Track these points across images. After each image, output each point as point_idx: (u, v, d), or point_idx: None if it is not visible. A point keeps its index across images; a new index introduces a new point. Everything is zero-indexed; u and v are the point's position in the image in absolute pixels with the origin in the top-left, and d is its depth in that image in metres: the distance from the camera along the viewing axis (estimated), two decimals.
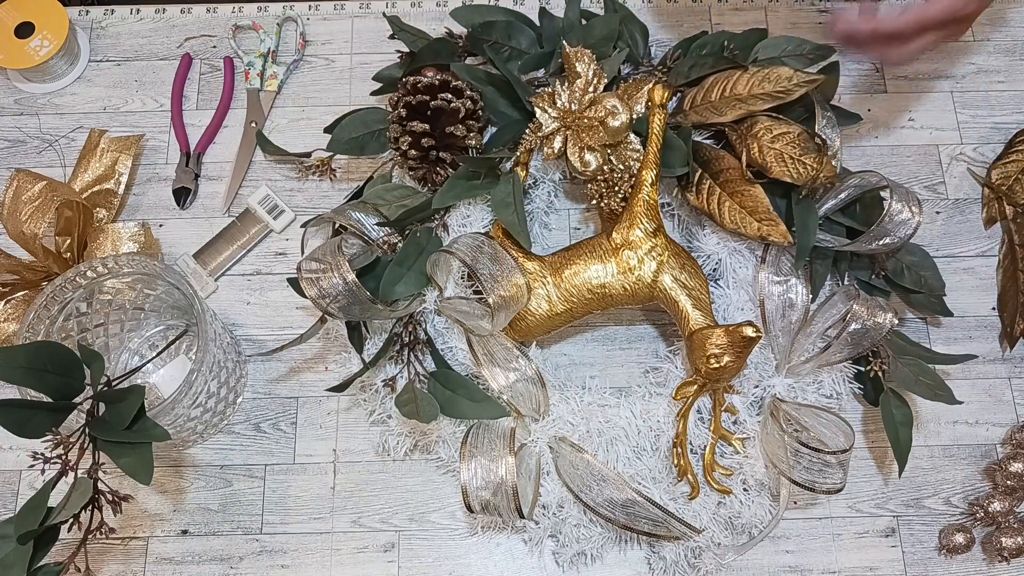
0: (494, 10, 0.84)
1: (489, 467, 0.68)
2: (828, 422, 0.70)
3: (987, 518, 0.75)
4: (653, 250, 0.73)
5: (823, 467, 0.68)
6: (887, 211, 0.73)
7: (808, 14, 0.94)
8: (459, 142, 0.76)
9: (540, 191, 0.83)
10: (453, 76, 0.76)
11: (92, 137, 0.86)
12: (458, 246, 0.71)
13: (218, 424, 0.79)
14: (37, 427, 0.60)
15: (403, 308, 0.73)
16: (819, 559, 0.76)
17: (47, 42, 0.89)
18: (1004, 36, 0.94)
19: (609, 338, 0.83)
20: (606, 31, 0.80)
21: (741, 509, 0.72)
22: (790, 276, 0.74)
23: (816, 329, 0.73)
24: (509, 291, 0.70)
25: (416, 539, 0.77)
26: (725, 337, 0.69)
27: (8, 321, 0.79)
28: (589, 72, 0.75)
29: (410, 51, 0.83)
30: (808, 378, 0.74)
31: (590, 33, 0.80)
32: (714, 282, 0.77)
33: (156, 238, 0.85)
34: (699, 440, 0.73)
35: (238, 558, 0.76)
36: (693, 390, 0.72)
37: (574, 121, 0.75)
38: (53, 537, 0.60)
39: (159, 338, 0.82)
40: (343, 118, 0.80)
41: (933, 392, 0.74)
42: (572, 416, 0.73)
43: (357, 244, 0.75)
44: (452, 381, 0.72)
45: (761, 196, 0.73)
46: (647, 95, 0.77)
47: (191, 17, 0.95)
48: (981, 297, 0.84)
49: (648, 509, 0.68)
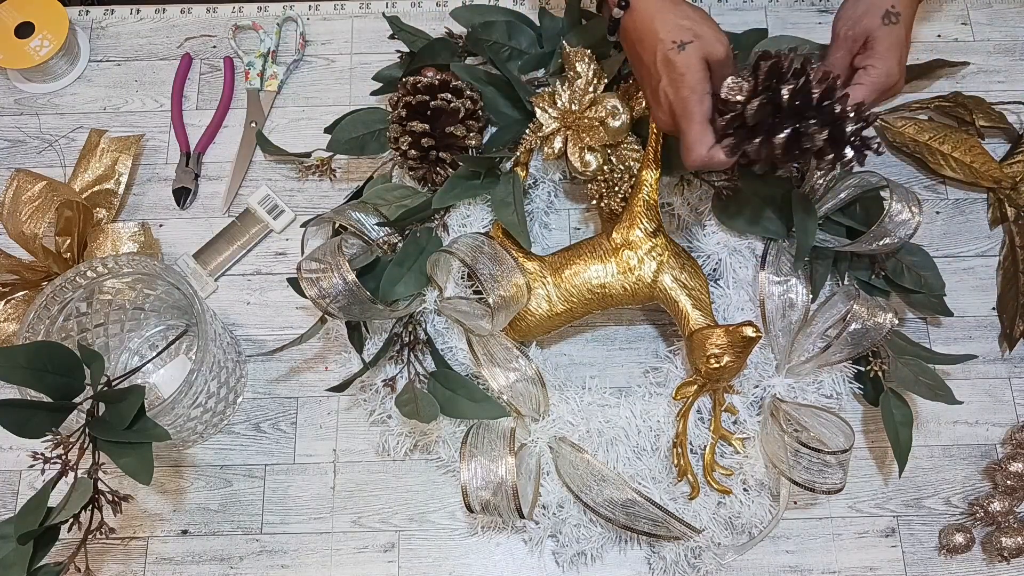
0: (494, 10, 0.84)
1: (489, 467, 0.68)
2: (828, 422, 0.70)
3: (987, 518, 0.75)
4: (653, 250, 0.73)
5: (823, 467, 0.68)
6: (887, 211, 0.73)
7: (808, 14, 0.94)
8: (459, 142, 0.76)
9: (540, 191, 0.83)
10: (453, 76, 0.77)
11: (92, 137, 0.86)
12: (458, 246, 0.71)
13: (218, 424, 0.79)
14: (37, 427, 0.60)
15: (403, 308, 0.73)
16: (819, 559, 0.76)
17: (47, 42, 0.89)
18: (1004, 36, 0.94)
19: (609, 338, 0.83)
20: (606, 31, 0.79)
21: (741, 509, 0.72)
22: (790, 276, 0.74)
23: (816, 329, 0.73)
24: (509, 291, 0.69)
25: (416, 539, 0.77)
26: (725, 337, 0.69)
27: (8, 321, 0.79)
28: (589, 72, 0.75)
29: (410, 51, 0.83)
30: (808, 378, 0.74)
31: (590, 33, 0.80)
32: (714, 282, 0.77)
33: (156, 238, 0.85)
34: (699, 440, 0.73)
35: (238, 558, 0.76)
36: (693, 390, 0.72)
37: (574, 121, 0.75)
38: (53, 537, 0.60)
39: (159, 338, 0.82)
40: (343, 118, 0.80)
41: (933, 392, 0.74)
42: (572, 416, 0.73)
43: (357, 244, 0.75)
44: (452, 381, 0.72)
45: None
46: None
47: (191, 17, 0.95)
48: (981, 297, 0.84)
49: (648, 509, 0.68)
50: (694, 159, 0.64)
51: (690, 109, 0.63)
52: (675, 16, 0.64)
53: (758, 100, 0.61)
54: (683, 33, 0.63)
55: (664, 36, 0.63)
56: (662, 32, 0.63)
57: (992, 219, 0.87)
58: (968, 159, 0.85)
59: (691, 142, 0.63)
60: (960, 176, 0.86)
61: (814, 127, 0.60)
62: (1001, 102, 0.89)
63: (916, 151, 0.87)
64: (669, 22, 0.63)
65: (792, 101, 0.61)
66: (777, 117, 0.61)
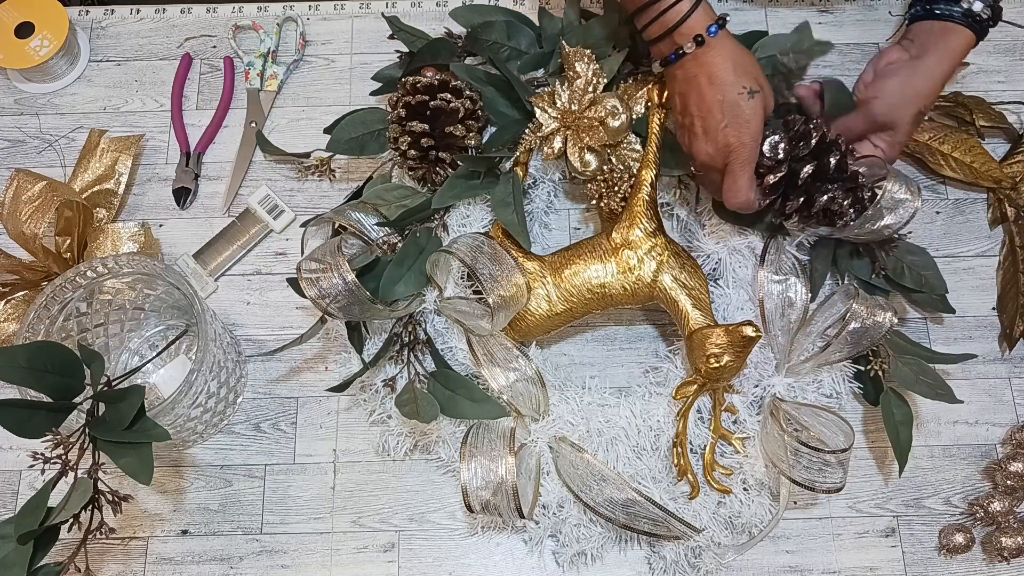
0: (494, 10, 0.84)
1: (489, 467, 0.68)
2: (828, 421, 0.70)
3: (987, 518, 0.75)
4: (653, 250, 0.73)
5: (823, 466, 0.68)
6: (886, 189, 0.73)
7: (808, 14, 0.94)
8: (458, 142, 0.76)
9: (540, 191, 0.83)
10: (452, 76, 0.76)
11: (92, 137, 0.86)
12: (458, 246, 0.71)
13: (218, 424, 0.79)
14: (37, 427, 0.60)
15: (403, 308, 0.73)
16: (819, 559, 0.76)
17: (47, 42, 0.89)
18: (1004, 36, 0.94)
19: (609, 338, 0.83)
20: (605, 31, 0.79)
21: (741, 509, 0.72)
22: (789, 275, 0.74)
23: (816, 328, 0.73)
24: (509, 291, 0.70)
25: (416, 539, 0.77)
26: (725, 337, 0.69)
27: (8, 321, 0.79)
28: (589, 72, 0.75)
29: (409, 51, 0.83)
30: (808, 377, 0.74)
31: (589, 33, 0.80)
32: (714, 282, 0.77)
33: (156, 238, 0.85)
34: (699, 440, 0.73)
35: (238, 558, 0.76)
36: (693, 390, 0.72)
37: (574, 121, 0.75)
38: (53, 537, 0.60)
39: (159, 338, 0.82)
40: (343, 118, 0.80)
41: (934, 391, 0.74)
42: (572, 416, 0.73)
43: (357, 244, 0.75)
44: (452, 381, 0.72)
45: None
46: (647, 95, 0.77)
47: (191, 17, 0.95)
48: (981, 297, 0.84)
49: (648, 509, 0.68)
50: (742, 201, 0.69)
51: (747, 156, 0.67)
52: (748, 63, 0.68)
53: (810, 166, 0.68)
54: (752, 81, 0.67)
55: (736, 80, 0.66)
56: (736, 75, 0.66)
57: (992, 219, 0.87)
58: (968, 159, 0.85)
59: (742, 186, 0.68)
60: (960, 176, 0.86)
61: (841, 194, 0.69)
62: (1001, 102, 0.89)
63: (916, 151, 0.87)
64: (742, 67, 0.67)
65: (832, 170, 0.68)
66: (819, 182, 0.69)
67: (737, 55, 0.68)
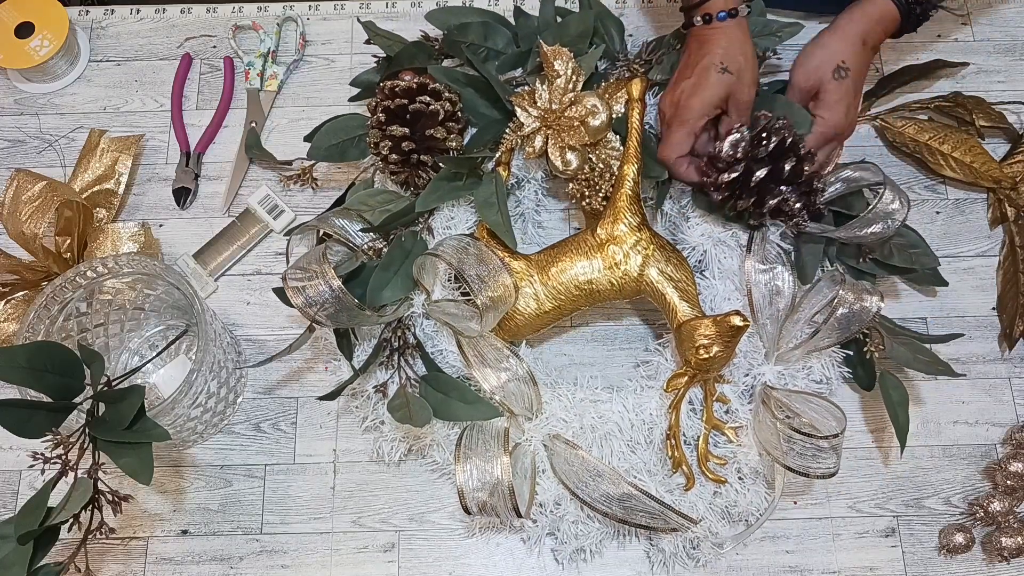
0: (469, 11, 0.83)
1: (484, 468, 0.68)
2: (819, 407, 0.70)
3: (987, 518, 0.75)
4: (638, 244, 0.73)
5: (816, 452, 0.68)
6: (880, 197, 0.74)
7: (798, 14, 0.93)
8: (439, 144, 0.75)
9: (527, 191, 0.82)
10: (431, 79, 0.76)
11: (92, 137, 0.86)
12: (443, 249, 0.71)
13: (218, 424, 0.79)
14: (37, 427, 0.60)
15: (391, 313, 0.73)
16: (819, 559, 0.76)
17: (47, 42, 0.89)
18: (1004, 36, 0.94)
19: (609, 338, 0.83)
20: (581, 28, 0.80)
21: (737, 498, 0.72)
22: (776, 264, 0.74)
23: (803, 315, 0.73)
24: (497, 291, 0.69)
25: (416, 539, 0.77)
26: (713, 327, 0.69)
27: (8, 321, 0.80)
28: (568, 70, 0.75)
29: (386, 56, 0.83)
30: (797, 365, 0.74)
31: (565, 31, 0.80)
32: (700, 273, 0.77)
33: (156, 238, 0.85)
34: (692, 431, 0.73)
35: (238, 558, 0.76)
36: (684, 381, 0.72)
37: (555, 121, 0.75)
38: (53, 537, 0.60)
39: (159, 338, 0.82)
40: (322, 126, 0.80)
41: (933, 368, 0.74)
42: (565, 413, 0.73)
43: (342, 251, 0.75)
44: (444, 384, 0.71)
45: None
46: (627, 91, 0.77)
47: (191, 17, 0.95)
48: (981, 297, 0.84)
49: (645, 502, 0.68)
50: (664, 156, 0.75)
51: (687, 117, 0.73)
52: (738, 48, 0.73)
53: (764, 170, 0.71)
54: (732, 63, 0.72)
55: (717, 53, 0.72)
56: (719, 50, 0.72)
57: (992, 219, 0.87)
58: (968, 159, 0.85)
59: (672, 142, 0.75)
60: (960, 176, 0.86)
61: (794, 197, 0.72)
62: (1001, 102, 0.89)
63: (916, 151, 0.87)
64: (730, 47, 0.72)
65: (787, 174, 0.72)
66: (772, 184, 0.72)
67: (735, 41, 0.72)
